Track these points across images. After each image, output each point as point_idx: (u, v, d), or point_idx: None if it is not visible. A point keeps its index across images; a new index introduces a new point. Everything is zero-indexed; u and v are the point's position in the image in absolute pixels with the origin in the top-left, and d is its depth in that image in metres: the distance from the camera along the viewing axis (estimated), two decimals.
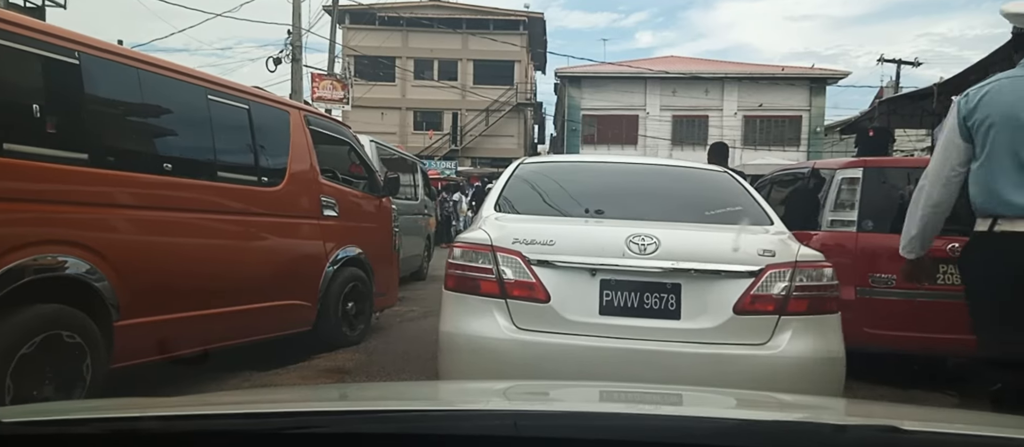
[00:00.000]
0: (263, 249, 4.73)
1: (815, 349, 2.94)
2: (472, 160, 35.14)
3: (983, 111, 2.76)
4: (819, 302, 3.02)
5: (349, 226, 5.66)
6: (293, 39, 21.90)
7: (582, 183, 3.88)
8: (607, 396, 1.84)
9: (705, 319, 2.94)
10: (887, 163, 6.33)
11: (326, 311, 5.30)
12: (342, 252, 5.51)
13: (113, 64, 3.77)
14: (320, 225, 5.30)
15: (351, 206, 5.73)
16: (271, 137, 4.99)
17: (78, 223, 3.48)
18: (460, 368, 3.09)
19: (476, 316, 3.01)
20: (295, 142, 5.13)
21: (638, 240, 3.00)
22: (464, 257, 3.10)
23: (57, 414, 1.31)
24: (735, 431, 1.21)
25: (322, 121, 5.64)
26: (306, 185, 5.18)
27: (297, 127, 5.20)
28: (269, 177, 4.86)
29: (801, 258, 3.04)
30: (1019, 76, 2.76)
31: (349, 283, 5.55)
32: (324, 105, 24.39)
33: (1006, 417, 1.47)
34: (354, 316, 5.64)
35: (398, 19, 34.41)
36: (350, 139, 5.94)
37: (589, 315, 2.96)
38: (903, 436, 1.12)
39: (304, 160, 5.18)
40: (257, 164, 4.79)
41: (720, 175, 4.09)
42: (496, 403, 1.65)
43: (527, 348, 2.93)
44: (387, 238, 6.33)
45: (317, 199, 5.27)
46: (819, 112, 33.43)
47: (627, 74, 33.08)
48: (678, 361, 2.88)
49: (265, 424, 1.18)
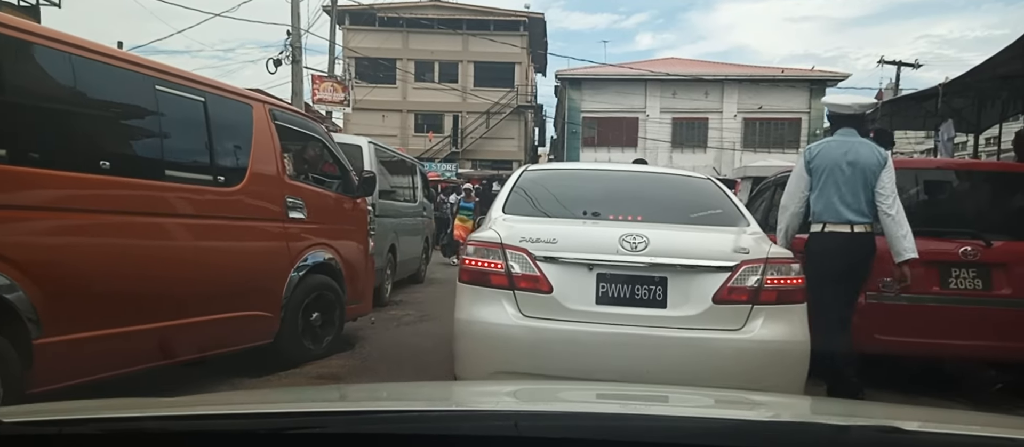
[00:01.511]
0: (217, 255, 4.28)
1: (783, 334, 3.29)
2: (473, 163, 34.69)
3: (818, 160, 4.21)
4: (787, 293, 3.35)
5: (319, 229, 5.21)
6: (293, 40, 21.45)
7: (580, 188, 4.26)
8: (607, 396, 1.86)
9: (688, 307, 3.28)
10: (895, 164, 5.87)
11: (288, 322, 4.85)
12: (310, 257, 5.07)
13: (38, 47, 3.32)
14: (285, 228, 4.85)
15: (321, 207, 5.28)
16: (230, 132, 4.55)
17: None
18: (474, 351, 3.42)
19: (488, 305, 3.32)
20: (258, 138, 4.69)
21: (630, 239, 3.34)
22: (477, 254, 3.41)
23: (57, 414, 1.27)
24: (736, 431, 1.22)
25: (290, 116, 5.18)
26: (269, 185, 4.74)
27: (261, 122, 4.76)
28: (227, 176, 4.41)
29: (771, 255, 3.39)
30: (840, 141, 4.23)
31: (316, 291, 5.10)
32: (325, 107, 24.01)
33: (1006, 417, 1.47)
34: (319, 326, 5.18)
35: (398, 20, 34.01)
36: (322, 135, 5.48)
37: (587, 304, 3.29)
38: (904, 436, 1.14)
39: (268, 158, 4.74)
40: (213, 162, 4.34)
41: (704, 181, 4.43)
42: (496, 403, 1.67)
43: (533, 333, 3.25)
44: (362, 242, 5.87)
45: (282, 200, 4.82)
46: (819, 115, 32.86)
47: (627, 76, 32.64)
48: (664, 344, 3.22)
49: (265, 424, 1.18)
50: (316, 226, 5.19)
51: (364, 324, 7.04)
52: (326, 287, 5.21)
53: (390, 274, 9.38)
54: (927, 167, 6.23)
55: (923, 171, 5.67)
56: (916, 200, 5.30)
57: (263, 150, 4.70)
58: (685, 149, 32.12)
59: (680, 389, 2.33)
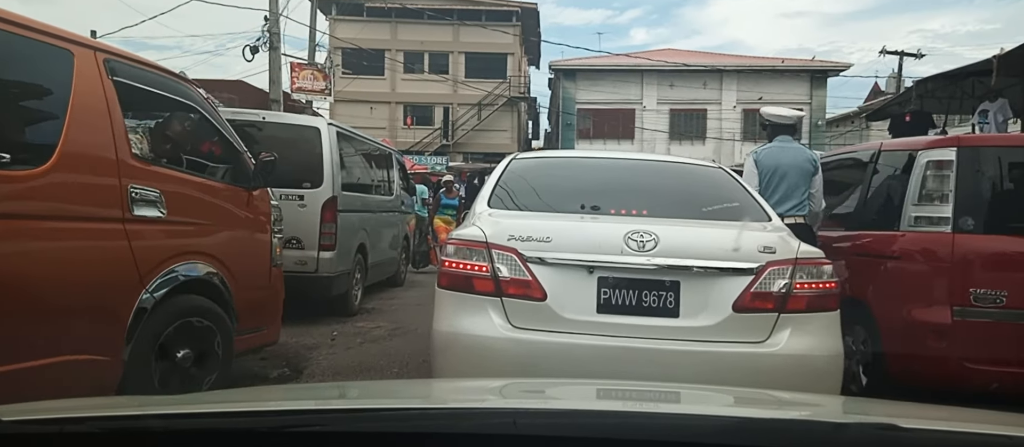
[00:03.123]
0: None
1: (814, 347, 2.88)
2: (464, 155, 33.12)
3: (764, 162, 4.81)
4: (819, 300, 2.94)
5: (191, 231, 3.64)
6: (270, 26, 19.91)
7: (577, 178, 3.78)
8: (607, 394, 1.82)
9: (704, 317, 2.88)
10: (989, 141, 4.39)
11: (136, 365, 3.28)
12: (176, 271, 3.49)
13: None
14: (130, 231, 3.28)
15: (193, 202, 3.70)
16: (29, 89, 2.99)
17: None
18: (454, 368, 2.98)
19: (471, 315, 2.92)
20: (81, 100, 3.09)
21: (637, 237, 2.93)
22: (458, 254, 3.00)
23: (57, 412, 1.22)
24: (735, 429, 1.20)
25: (144, 73, 3.53)
26: (98, 167, 3.15)
27: (88, 77, 3.17)
28: (19, 154, 2.85)
29: (801, 255, 2.97)
30: (780, 146, 4.90)
31: (182, 318, 3.52)
32: (305, 96, 22.33)
33: (1005, 416, 1.40)
34: (193, 366, 3.59)
35: (387, 9, 32.39)
36: (199, 103, 3.86)
37: (587, 313, 2.89)
38: (902, 434, 1.12)
39: (95, 128, 3.15)
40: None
41: (715, 171, 4.01)
42: (496, 401, 1.63)
43: (523, 347, 2.85)
44: (261, 248, 4.29)
45: (121, 190, 3.23)
46: (821, 105, 31.52)
47: (623, 67, 31.13)
48: (676, 360, 2.82)
49: (265, 423, 1.16)
50: (187, 227, 3.61)
51: (322, 342, 6.02)
52: (200, 311, 3.63)
53: (359, 279, 7.93)
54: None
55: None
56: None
57: (88, 117, 3.11)
58: (684, 141, 30.56)
59: (680, 387, 2.14)
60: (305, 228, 6.82)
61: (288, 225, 6.84)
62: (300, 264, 6.81)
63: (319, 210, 6.86)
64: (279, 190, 6.85)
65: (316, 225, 6.84)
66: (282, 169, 7.13)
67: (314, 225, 6.84)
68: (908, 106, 9.87)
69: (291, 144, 7.06)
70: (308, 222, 6.83)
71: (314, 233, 6.85)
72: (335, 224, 6.98)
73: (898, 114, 10.00)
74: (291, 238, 6.79)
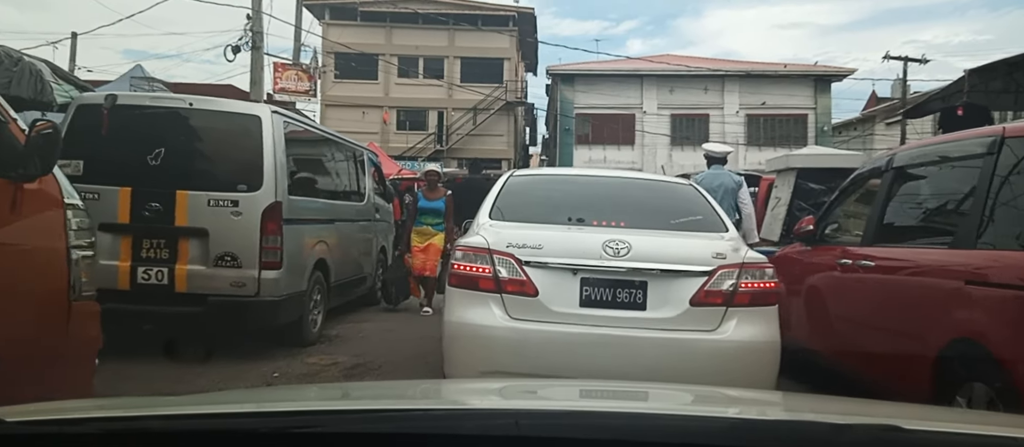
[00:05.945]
0: None
1: (755, 335, 3.39)
2: (459, 161, 31.66)
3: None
4: (760, 296, 3.44)
5: None
6: (253, 25, 18.55)
7: (566, 193, 4.35)
8: (608, 395, 1.83)
9: (666, 310, 3.38)
10: None
11: None
12: None
13: None
14: None
15: None
16: None
17: None
18: (463, 351, 3.56)
19: (476, 308, 3.41)
20: None
21: (613, 245, 3.43)
22: (465, 258, 3.50)
23: (57, 413, 1.20)
24: (737, 430, 1.20)
25: None
26: None
27: None
28: None
29: (747, 260, 3.48)
30: (714, 173, 6.72)
31: None
32: (288, 97, 20.94)
33: (1006, 416, 1.41)
34: None
35: (381, 14, 31.00)
36: None
37: (571, 307, 3.40)
38: (904, 435, 1.11)
39: None
40: None
41: (686, 187, 4.54)
42: (497, 402, 1.63)
43: (519, 334, 3.37)
44: (37, 270, 2.66)
45: None
46: (825, 110, 30.18)
47: (622, 71, 29.78)
48: (644, 344, 3.34)
49: (266, 423, 1.15)
50: None
51: (256, 386, 4.70)
52: None
53: (319, 301, 6.41)
54: None
55: None
56: None
57: None
58: (685, 146, 29.10)
59: (680, 387, 2.24)
60: (240, 242, 5.35)
61: (218, 238, 5.44)
62: (236, 286, 5.34)
63: (259, 219, 5.37)
64: (205, 194, 5.45)
65: (255, 238, 5.37)
66: (211, 167, 5.83)
67: (252, 238, 5.35)
68: (956, 99, 8.46)
69: (224, 136, 5.60)
70: (244, 234, 5.35)
71: (253, 248, 5.36)
72: (280, 236, 5.49)
73: (948, 108, 8.58)
74: (224, 254, 5.34)
